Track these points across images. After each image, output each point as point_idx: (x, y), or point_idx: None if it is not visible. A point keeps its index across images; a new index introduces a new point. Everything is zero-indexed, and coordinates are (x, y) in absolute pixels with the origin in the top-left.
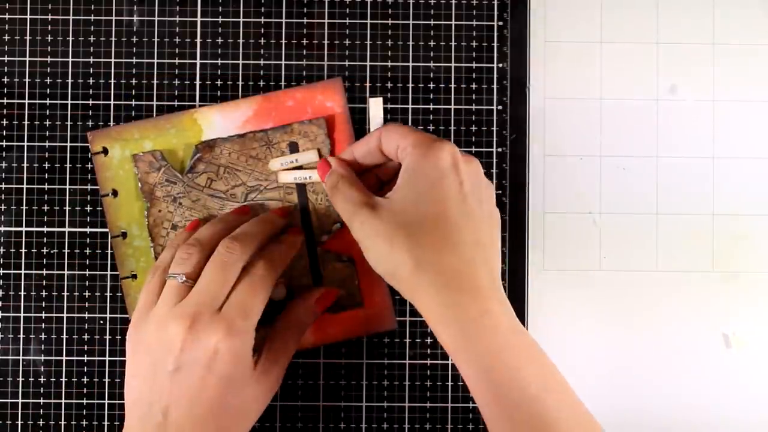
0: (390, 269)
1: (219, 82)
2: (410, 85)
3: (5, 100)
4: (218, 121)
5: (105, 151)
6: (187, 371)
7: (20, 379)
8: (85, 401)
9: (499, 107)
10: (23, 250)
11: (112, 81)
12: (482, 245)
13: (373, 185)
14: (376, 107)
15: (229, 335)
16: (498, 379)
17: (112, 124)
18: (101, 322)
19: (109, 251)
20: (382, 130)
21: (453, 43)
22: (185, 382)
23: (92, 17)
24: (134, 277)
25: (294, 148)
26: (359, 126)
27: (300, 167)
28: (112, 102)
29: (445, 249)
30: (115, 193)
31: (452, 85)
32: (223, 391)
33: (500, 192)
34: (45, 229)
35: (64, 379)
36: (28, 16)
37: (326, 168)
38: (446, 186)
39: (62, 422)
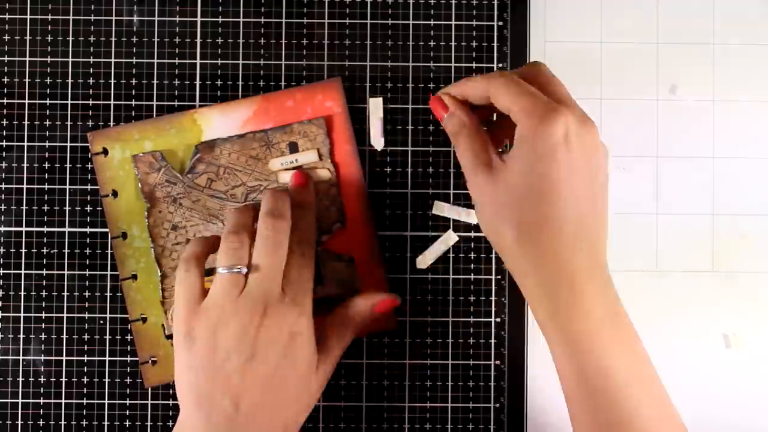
0: (493, 237)
1: (219, 82)
2: (410, 85)
3: (5, 100)
4: (218, 121)
5: (105, 152)
6: (262, 358)
7: (20, 379)
8: (85, 401)
9: None
10: (23, 250)
11: (112, 81)
12: (586, 224)
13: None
14: (375, 107)
15: (301, 315)
16: (584, 366)
17: (112, 124)
18: (101, 322)
19: (109, 251)
20: (491, 84)
21: (453, 43)
22: (260, 369)
23: (92, 17)
24: (135, 277)
25: (294, 148)
26: (359, 126)
27: (300, 167)
28: (112, 102)
29: (546, 228)
30: (115, 193)
31: None
32: (294, 380)
33: None
34: (45, 229)
35: (64, 379)
36: (28, 16)
37: (442, 107)
38: (556, 161)
39: (62, 422)
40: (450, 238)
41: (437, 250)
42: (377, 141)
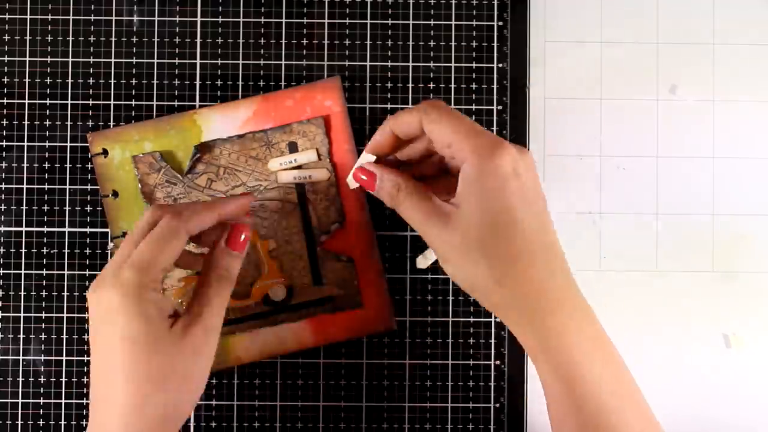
0: (466, 280)
1: (219, 82)
2: (410, 85)
3: (5, 100)
4: (218, 121)
5: (105, 153)
6: (95, 336)
7: (20, 379)
8: (85, 401)
9: (499, 107)
10: (23, 250)
11: (112, 81)
12: (552, 247)
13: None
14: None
15: (118, 291)
16: (577, 392)
17: (112, 123)
18: None
19: (109, 251)
20: (426, 118)
21: (453, 43)
22: (97, 348)
23: (92, 17)
24: None
25: (293, 147)
26: (359, 126)
27: (299, 167)
28: (112, 102)
29: (519, 260)
30: (115, 194)
31: (452, 85)
32: (131, 354)
33: None
34: (45, 229)
35: (64, 379)
36: (28, 16)
37: (368, 175)
38: (510, 193)
39: (62, 422)
40: None
41: None
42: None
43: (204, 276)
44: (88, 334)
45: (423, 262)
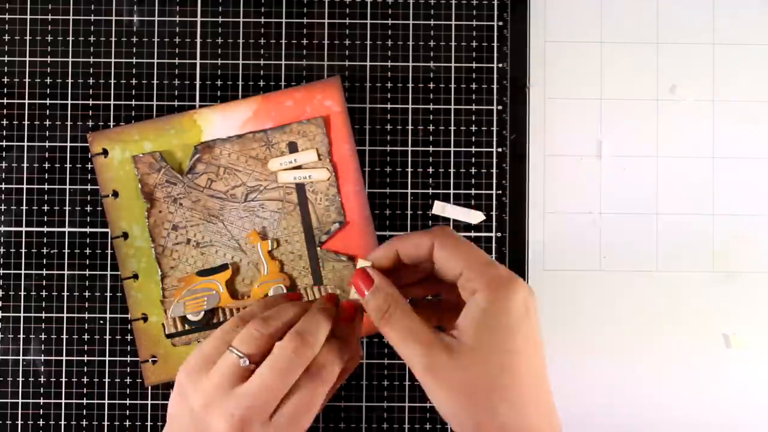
0: (466, 425)
1: (219, 82)
2: (410, 85)
3: (5, 100)
4: (218, 121)
5: (105, 153)
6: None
7: (20, 379)
8: (85, 401)
9: (499, 107)
10: (23, 250)
11: (112, 81)
12: (546, 392)
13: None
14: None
15: (227, 423)
16: None
17: (112, 124)
18: (101, 322)
19: (109, 251)
20: (436, 243)
21: (453, 43)
22: None
23: (92, 17)
24: (135, 277)
25: (293, 147)
26: (359, 126)
27: (299, 167)
28: (112, 102)
29: (518, 408)
30: (115, 194)
31: (452, 85)
32: None
33: (500, 192)
34: (45, 229)
35: (64, 379)
36: (28, 16)
37: (365, 280)
38: (521, 335)
39: (62, 422)
40: None
41: None
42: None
43: (306, 374)
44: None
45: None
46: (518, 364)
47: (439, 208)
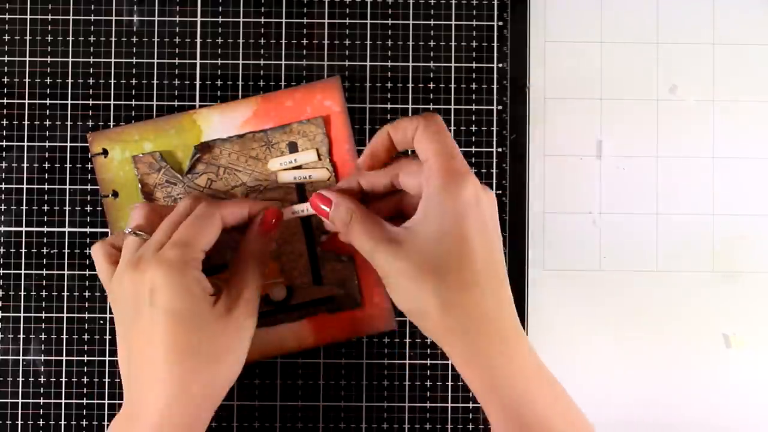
0: (416, 309)
1: (219, 82)
2: (410, 85)
3: (5, 100)
4: (218, 121)
5: (105, 153)
6: (137, 312)
7: (20, 379)
8: (85, 401)
9: (499, 107)
10: (23, 250)
11: (112, 81)
12: (503, 281)
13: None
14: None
15: (161, 266)
16: (527, 423)
17: (112, 124)
18: (101, 322)
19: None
20: (420, 126)
21: (453, 43)
22: (138, 323)
23: (92, 17)
24: None
25: (293, 147)
26: (359, 126)
27: (299, 167)
28: (112, 102)
29: (471, 290)
30: (115, 194)
31: (452, 85)
32: (175, 328)
33: (500, 192)
34: (45, 229)
35: (64, 379)
36: (28, 16)
37: (325, 202)
38: (470, 223)
39: (62, 422)
40: None
41: None
42: None
43: (240, 259)
44: (112, 316)
45: None
46: (464, 249)
47: None
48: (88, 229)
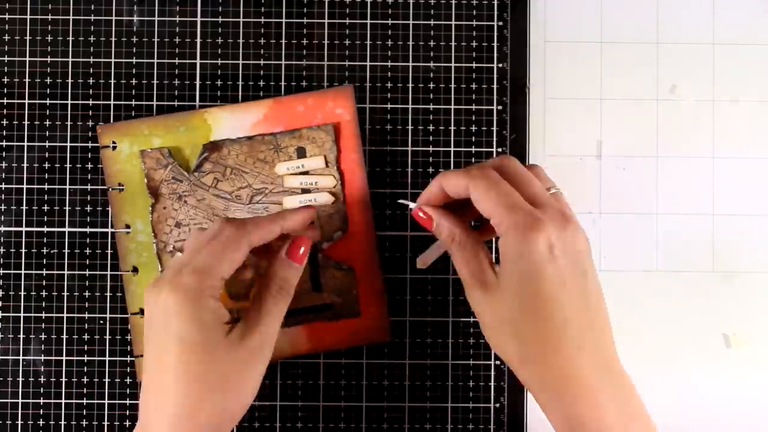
0: (499, 351)
1: (219, 82)
2: (410, 85)
3: (5, 100)
4: (228, 122)
5: (113, 146)
6: (150, 335)
7: (20, 379)
8: (85, 401)
9: (499, 107)
10: (23, 250)
11: (112, 81)
12: (585, 329)
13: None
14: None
15: (176, 292)
16: None
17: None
18: (101, 322)
19: (109, 251)
20: (471, 184)
21: (453, 43)
22: (151, 347)
23: (92, 17)
24: (135, 271)
25: (301, 153)
26: (360, 126)
27: (306, 173)
28: (112, 102)
29: (547, 345)
30: (121, 187)
31: (452, 85)
32: (184, 357)
33: None
34: (45, 229)
35: (64, 379)
36: (28, 16)
37: (427, 222)
38: (544, 278)
39: (62, 422)
40: None
41: (437, 250)
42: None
43: (263, 286)
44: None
45: (423, 262)
46: (541, 306)
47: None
48: (88, 229)
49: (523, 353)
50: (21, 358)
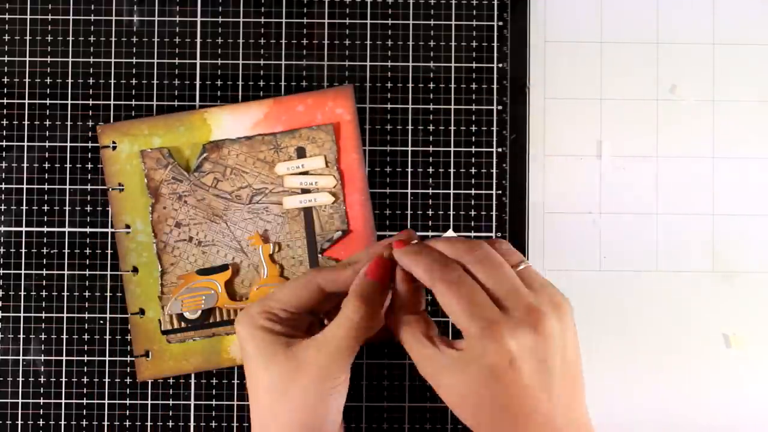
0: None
1: (219, 82)
2: (410, 85)
3: (5, 100)
4: (228, 121)
5: (113, 146)
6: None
7: (20, 379)
8: (85, 401)
9: (499, 107)
10: (23, 250)
11: (112, 81)
12: (552, 418)
13: None
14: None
15: (240, 318)
16: None
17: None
18: (101, 322)
19: (109, 251)
20: (432, 281)
21: (453, 43)
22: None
23: (92, 17)
24: (135, 271)
25: (301, 153)
26: (360, 126)
27: (306, 173)
28: (112, 102)
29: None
30: (121, 187)
31: (452, 85)
32: (249, 371)
33: (500, 192)
34: (45, 229)
35: (64, 379)
36: (28, 16)
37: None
38: (505, 386)
39: (62, 422)
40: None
41: None
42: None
43: (344, 300)
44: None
45: None
46: (500, 412)
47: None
48: (88, 229)
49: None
50: (21, 358)
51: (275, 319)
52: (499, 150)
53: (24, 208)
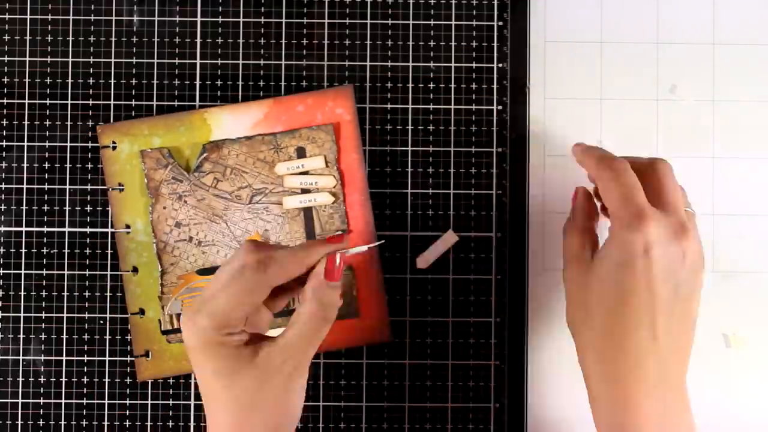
0: (570, 327)
1: (219, 82)
2: (410, 85)
3: (5, 100)
4: (228, 121)
5: (113, 146)
6: (192, 363)
7: (20, 379)
8: (85, 401)
9: (499, 107)
10: (23, 250)
11: (112, 81)
12: (660, 339)
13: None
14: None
15: (195, 335)
16: None
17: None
18: (101, 322)
19: (109, 251)
20: (599, 173)
21: (453, 43)
22: (196, 373)
23: (92, 17)
24: (135, 271)
25: (301, 153)
26: (360, 126)
27: (306, 172)
28: (112, 102)
29: (614, 340)
30: (121, 187)
31: (452, 85)
32: (208, 385)
33: (500, 192)
34: (45, 229)
35: (64, 379)
36: (28, 16)
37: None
38: (633, 273)
39: (62, 422)
40: (450, 238)
41: (437, 250)
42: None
43: (298, 313)
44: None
45: (423, 262)
46: (621, 299)
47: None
48: (88, 229)
49: (591, 337)
50: (21, 358)
51: (231, 331)
52: (499, 150)
53: (24, 208)
